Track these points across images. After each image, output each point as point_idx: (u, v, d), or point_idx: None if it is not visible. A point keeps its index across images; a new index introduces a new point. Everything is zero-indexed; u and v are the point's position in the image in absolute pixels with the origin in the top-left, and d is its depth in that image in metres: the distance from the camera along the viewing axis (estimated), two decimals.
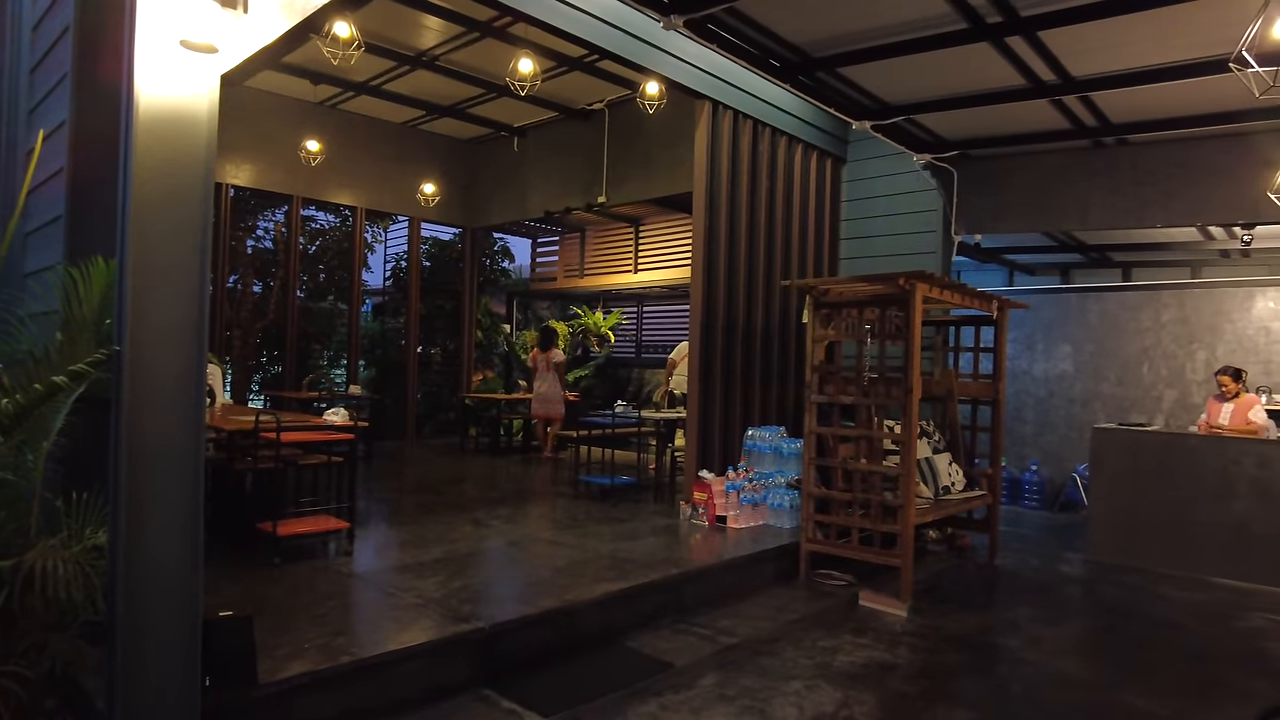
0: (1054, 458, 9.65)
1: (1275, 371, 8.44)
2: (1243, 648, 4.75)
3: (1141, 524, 6.73)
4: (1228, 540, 6.37)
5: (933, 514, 5.64)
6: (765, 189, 7.06)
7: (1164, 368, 9.10)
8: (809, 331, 5.67)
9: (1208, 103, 5.70)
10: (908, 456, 5.16)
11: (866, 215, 7.97)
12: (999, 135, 6.86)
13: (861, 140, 7.89)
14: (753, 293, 6.96)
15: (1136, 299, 9.31)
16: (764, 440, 6.64)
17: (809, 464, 5.63)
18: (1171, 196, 6.53)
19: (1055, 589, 5.96)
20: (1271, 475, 6.25)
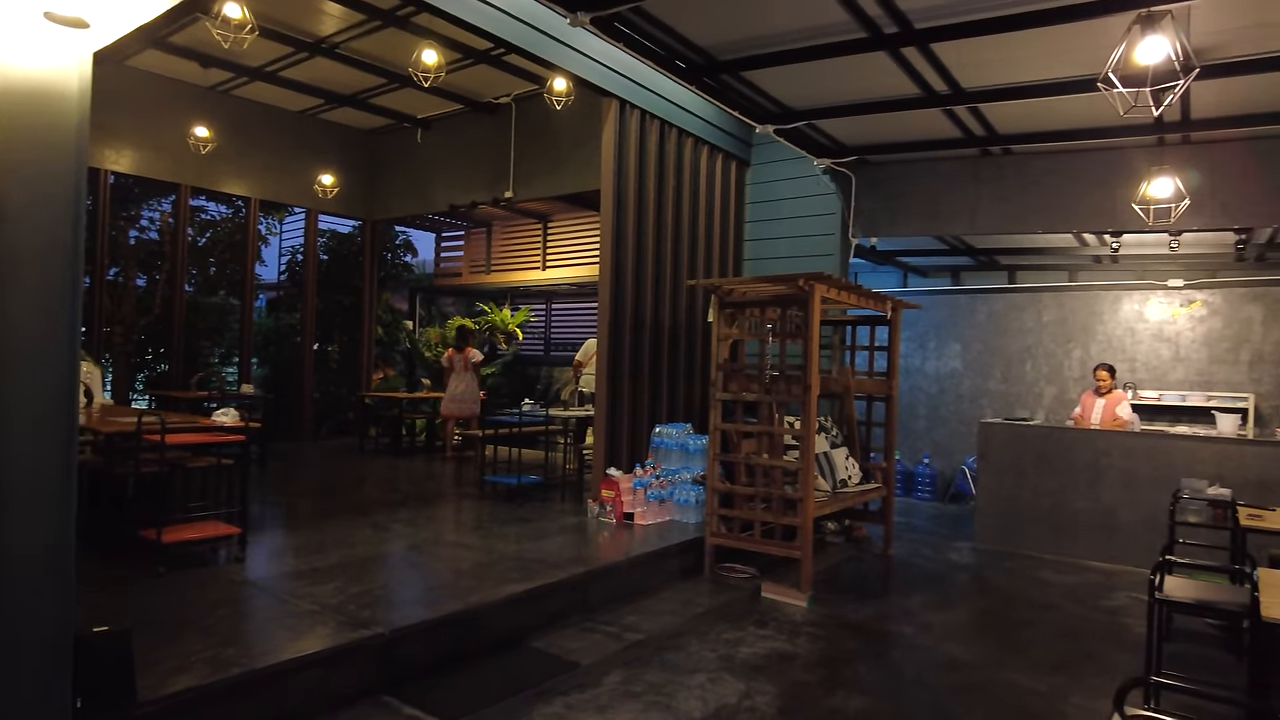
0: (945, 451, 10.13)
1: (1139, 369, 9.11)
2: (1109, 624, 5.10)
3: (1023, 513, 7.14)
4: (1098, 526, 6.84)
5: (830, 506, 5.83)
6: (672, 188, 7.14)
7: (1045, 365, 9.69)
8: (714, 330, 5.76)
9: (1084, 118, 6.08)
10: (807, 451, 5.31)
11: (770, 217, 8.16)
12: (895, 142, 7.14)
13: (765, 144, 8.07)
14: (660, 291, 7.02)
15: (1021, 300, 9.87)
16: (671, 437, 6.71)
17: (713, 460, 5.73)
18: (1052, 204, 6.94)
19: (945, 576, 6.25)
20: (1135, 466, 6.74)
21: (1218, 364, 8.82)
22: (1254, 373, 8.64)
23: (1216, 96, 5.46)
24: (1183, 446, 6.59)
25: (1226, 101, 5.58)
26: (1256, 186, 6.21)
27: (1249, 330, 8.69)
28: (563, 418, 7.48)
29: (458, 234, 13.07)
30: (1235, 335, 8.75)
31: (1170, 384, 8.99)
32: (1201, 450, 6.51)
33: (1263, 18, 4.40)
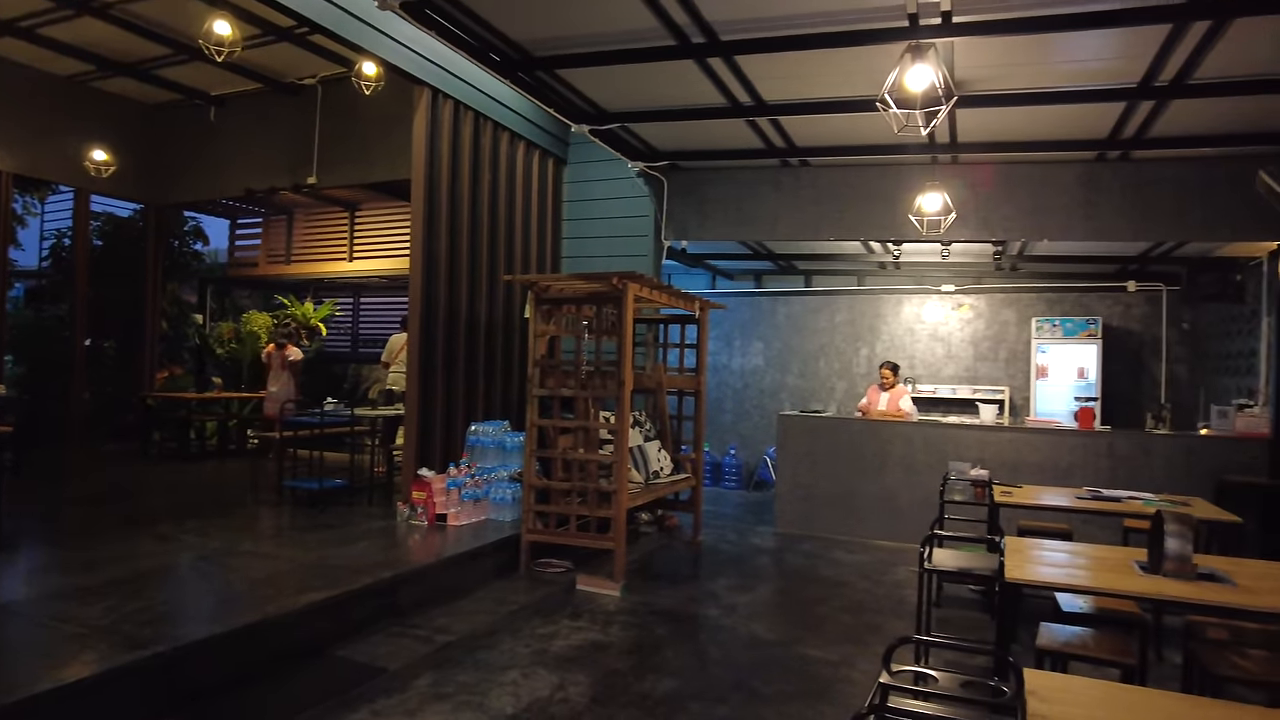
0: (749, 442, 10.73)
1: (917, 365, 10.10)
2: (892, 597, 5.63)
3: (819, 498, 7.71)
4: (883, 509, 7.52)
5: (643, 497, 6.01)
6: (488, 182, 7.05)
7: (836, 362, 10.51)
8: (531, 326, 5.76)
9: (870, 135, 6.65)
10: (621, 445, 5.45)
11: (587, 216, 8.26)
12: (704, 149, 7.47)
13: (582, 143, 8.16)
14: (476, 286, 6.92)
15: (815, 302, 10.65)
16: (487, 435, 6.63)
17: (530, 456, 5.73)
18: (842, 214, 7.54)
19: (748, 560, 6.62)
20: (913, 453, 7.48)
21: (981, 361, 9.98)
22: (1009, 369, 9.86)
23: (979, 124, 6.18)
24: (952, 434, 7.40)
25: (986, 128, 6.32)
26: (1010, 205, 7.07)
27: (1005, 331, 9.90)
28: (370, 417, 7.18)
29: (254, 221, 12.15)
30: (995, 336, 9.94)
31: (943, 378, 10.06)
32: (967, 437, 7.33)
33: (1008, 59, 5.03)
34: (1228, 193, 6.49)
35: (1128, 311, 9.51)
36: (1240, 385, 7.70)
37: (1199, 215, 6.61)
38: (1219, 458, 6.64)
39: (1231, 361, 7.95)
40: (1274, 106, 5.41)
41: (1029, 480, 7.00)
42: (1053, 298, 9.77)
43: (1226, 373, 8.13)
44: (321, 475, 6.77)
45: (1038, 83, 5.36)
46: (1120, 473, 6.87)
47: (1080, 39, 4.69)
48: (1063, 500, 5.08)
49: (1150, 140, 6.18)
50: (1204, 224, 6.61)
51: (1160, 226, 6.73)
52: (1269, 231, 6.45)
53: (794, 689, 3.99)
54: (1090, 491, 5.46)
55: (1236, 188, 6.44)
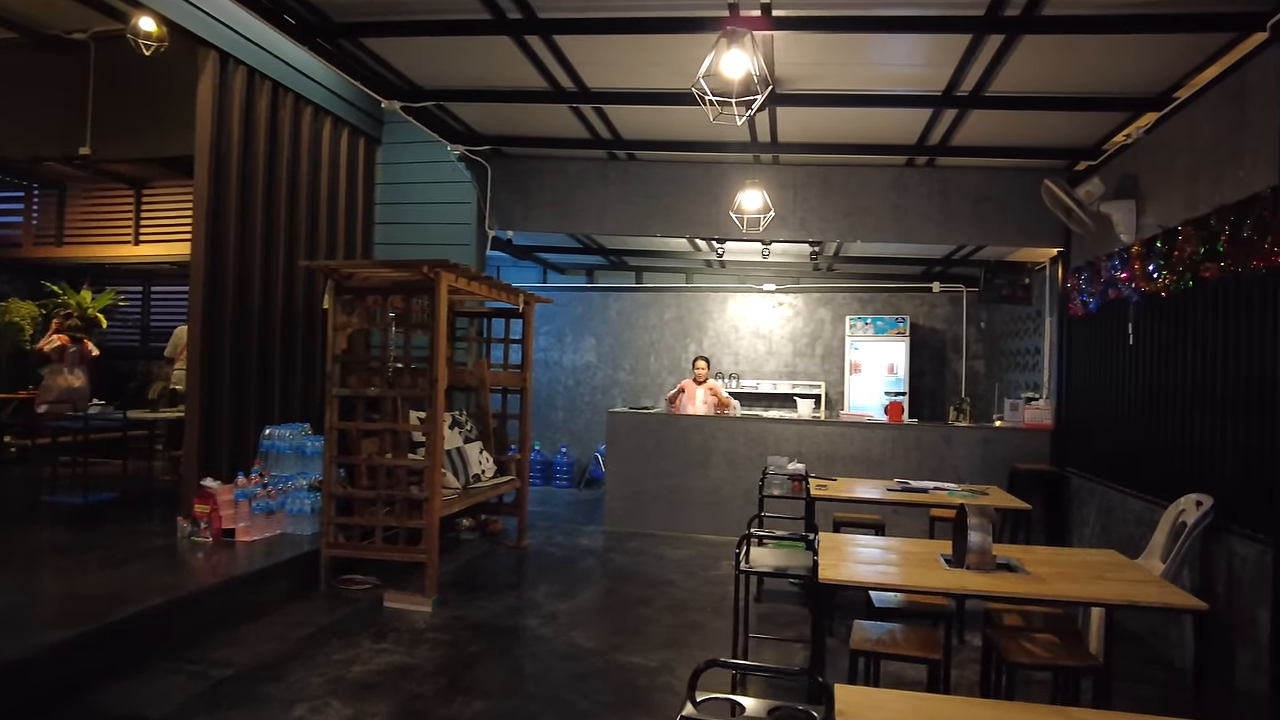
0: (581, 440, 10.55)
1: (742, 361, 10.31)
2: (714, 594, 5.59)
3: (647, 494, 7.63)
4: (708, 502, 7.55)
5: (460, 504, 5.64)
6: (287, 159, 6.39)
7: (666, 358, 10.53)
8: (330, 319, 5.24)
9: (695, 130, 6.62)
10: (434, 449, 5.06)
11: (402, 201, 7.73)
12: (529, 136, 7.16)
13: (397, 123, 7.61)
14: (271, 274, 6.25)
15: (646, 299, 10.62)
16: (284, 439, 6.00)
17: (329, 462, 5.22)
18: (669, 210, 7.48)
19: (574, 562, 6.41)
20: (736, 447, 7.55)
21: (800, 357, 10.32)
22: (825, 365, 10.26)
23: (799, 123, 6.27)
24: (773, 429, 7.54)
25: (807, 129, 6.43)
26: (827, 206, 7.28)
27: (822, 329, 10.29)
28: (149, 420, 6.33)
29: (15, 195, 10.57)
30: (812, 333, 10.31)
31: (765, 374, 10.32)
32: (787, 431, 7.49)
33: (826, 59, 5.10)
34: (1019, 201, 6.98)
35: (932, 311, 10.16)
36: (1028, 380, 8.38)
37: (995, 221, 7.07)
38: (1011, 447, 7.16)
39: (1021, 358, 8.64)
40: (1055, 122, 5.83)
41: (844, 472, 7.26)
42: (865, 297, 10.27)
43: (1017, 368, 8.84)
44: (89, 488, 5.89)
45: (853, 85, 5.48)
46: (926, 463, 7.25)
47: (892, 44, 4.80)
48: (874, 493, 5.22)
49: (953, 148, 6.53)
50: (999, 229, 7.08)
51: (960, 231, 7.15)
52: (1052, 239, 6.99)
53: (612, 699, 3.80)
54: (899, 483, 5.66)
55: (1027, 197, 6.92)
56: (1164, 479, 5.00)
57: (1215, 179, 4.52)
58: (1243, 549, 4.09)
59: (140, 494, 6.32)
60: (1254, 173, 4.12)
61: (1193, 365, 4.71)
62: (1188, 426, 4.74)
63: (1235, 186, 4.30)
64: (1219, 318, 4.42)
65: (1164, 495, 5.00)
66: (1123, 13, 4.18)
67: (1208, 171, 4.62)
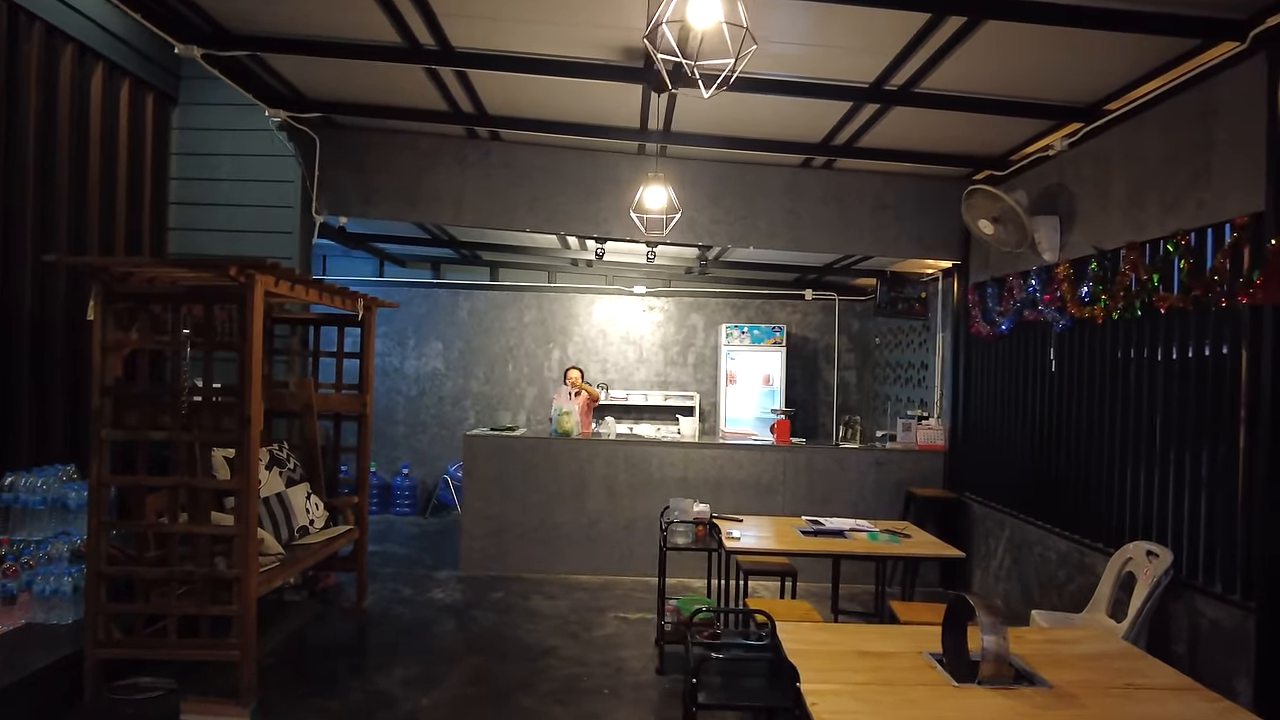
0: (426, 459, 9.28)
1: (610, 369, 9.43)
2: (607, 663, 4.67)
3: (510, 531, 6.60)
4: (582, 538, 6.62)
5: (283, 574, 4.36)
6: (35, 113, 4.78)
7: (526, 365, 9.46)
8: (95, 334, 3.82)
9: (576, 110, 5.64)
10: (246, 510, 3.79)
11: (205, 176, 6.20)
12: (370, 103, 5.88)
13: (201, 78, 6.08)
14: (12, 268, 4.65)
15: (503, 299, 9.49)
16: (34, 490, 4.45)
17: (96, 531, 3.80)
18: (539, 202, 6.44)
19: (429, 628, 5.27)
20: (615, 473, 6.67)
21: (672, 365, 9.58)
22: (698, 374, 9.58)
23: (698, 109, 5.42)
24: (655, 452, 6.71)
25: (705, 117, 5.60)
26: (718, 208, 6.52)
27: (694, 336, 9.61)
28: None
29: None
30: (684, 340, 9.60)
31: (635, 383, 9.50)
32: (671, 455, 6.70)
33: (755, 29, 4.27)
34: (916, 211, 6.55)
35: (805, 319, 9.73)
36: (911, 395, 8.06)
37: (892, 231, 6.60)
38: (905, 469, 6.74)
39: (902, 371, 8.33)
40: (974, 128, 5.35)
41: (734, 499, 6.57)
42: (738, 304, 9.67)
43: (898, 382, 8.54)
44: None
45: (775, 68, 4.70)
46: (818, 487, 6.70)
47: (839, 17, 4.03)
48: (791, 543, 4.51)
49: (859, 149, 5.94)
50: (895, 239, 6.61)
51: (857, 239, 6.62)
52: (948, 251, 6.62)
53: None
54: (811, 523, 5.01)
55: (925, 207, 6.52)
56: (1099, 519, 4.62)
57: (1169, 201, 4.12)
58: (1212, 611, 3.69)
59: None
60: (1226, 198, 3.72)
61: (1138, 399, 4.32)
62: (1131, 466, 4.36)
63: (1198, 210, 3.90)
64: (1176, 352, 4.02)
65: (1098, 538, 4.61)
66: (1087, 3, 3.64)
67: (1158, 191, 4.22)
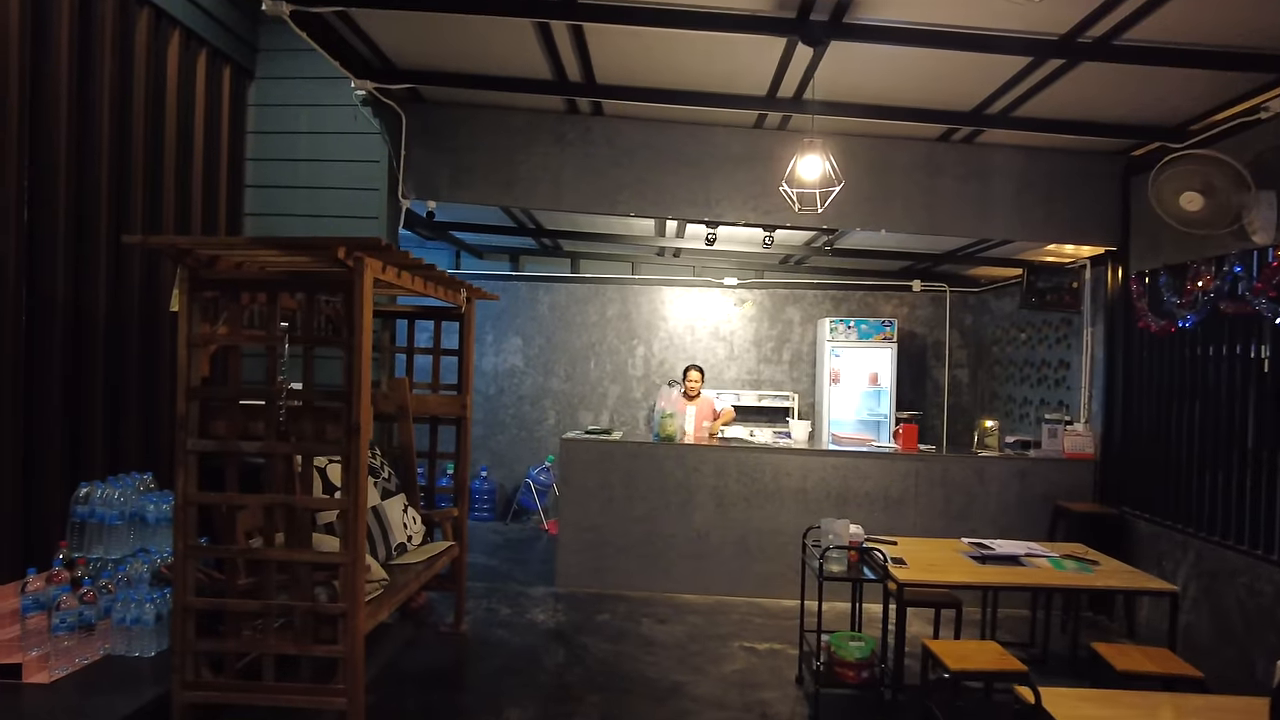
0: (505, 461, 8.75)
1: None
2: (747, 705, 4.05)
3: (611, 544, 6.02)
4: (690, 554, 6.02)
5: (389, 603, 3.81)
6: (110, 82, 4.30)
7: (609, 363, 8.87)
8: (181, 328, 3.30)
9: (703, 77, 5.02)
10: (355, 535, 3.24)
11: (283, 156, 5.71)
12: (461, 72, 5.32)
13: (278, 50, 5.62)
14: (87, 257, 4.17)
15: (585, 291, 8.90)
16: (110, 504, 3.97)
17: (184, 557, 3.28)
18: (645, 183, 5.83)
19: (536, 657, 4.70)
20: (726, 483, 6.05)
21: (765, 363, 8.90)
22: (794, 372, 8.89)
23: (845, 71, 4.74)
24: (770, 460, 6.06)
25: (849, 83, 4.93)
26: (848, 187, 5.82)
27: (789, 332, 8.91)
28: None
29: None
30: (779, 336, 8.91)
31: (726, 383, 8.85)
32: (787, 463, 6.04)
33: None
34: (1066, 191, 5.81)
35: (912, 313, 8.97)
36: (1047, 397, 7.27)
37: (1039, 212, 5.85)
38: (1050, 481, 6.00)
39: (1034, 370, 7.53)
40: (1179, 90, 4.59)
41: (861, 514, 5.90)
42: (838, 296, 8.94)
43: (1025, 382, 7.74)
44: None
45: (951, 17, 4.02)
46: (955, 501, 6.00)
47: None
48: (971, 576, 3.84)
49: (1015, 120, 5.22)
50: (1044, 222, 5.87)
51: (1000, 222, 5.88)
52: (1105, 236, 5.86)
53: None
54: (976, 546, 4.34)
55: (1076, 185, 5.78)
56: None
57: None
58: None
59: None
60: None
61: None
62: None
63: None
64: None
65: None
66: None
67: None
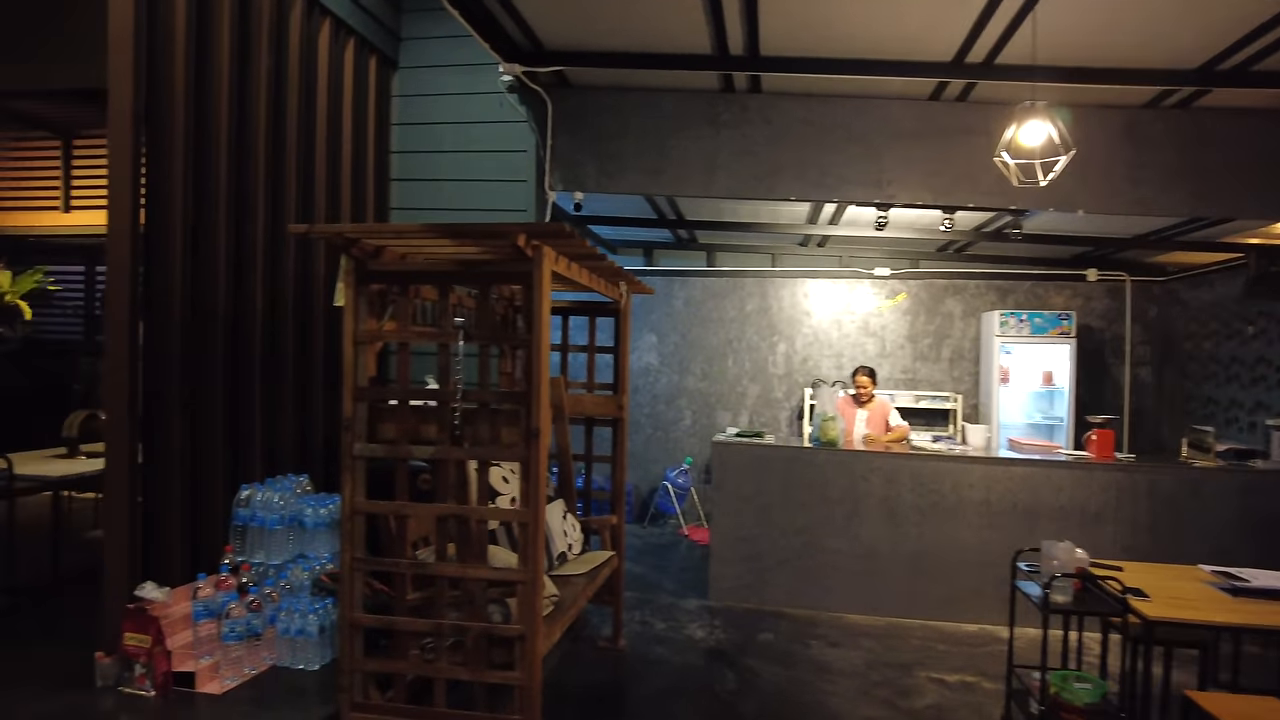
0: (641, 462, 8.45)
1: (846, 366, 8.22)
2: None
3: (769, 556, 5.58)
4: (858, 571, 5.50)
5: (560, 622, 3.50)
6: (264, 72, 4.19)
7: (748, 360, 8.42)
8: (348, 323, 3.08)
9: (881, 41, 4.52)
10: (533, 546, 2.94)
11: (427, 149, 5.57)
12: (613, 50, 5.00)
13: (422, 40, 5.48)
14: (245, 254, 4.07)
15: (722, 286, 8.49)
16: (270, 507, 3.85)
17: (351, 570, 3.07)
18: (806, 164, 5.37)
19: (703, 678, 4.32)
20: (898, 493, 5.50)
21: (922, 361, 8.25)
22: (954, 370, 8.20)
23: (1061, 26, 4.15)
24: (946, 469, 5.47)
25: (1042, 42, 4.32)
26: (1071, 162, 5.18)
27: (949, 326, 8.22)
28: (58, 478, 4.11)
29: None
30: (937, 331, 8.23)
31: (878, 382, 8.24)
32: (970, 473, 5.43)
33: None
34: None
35: (1087, 305, 8.10)
36: (1264, 400, 6.36)
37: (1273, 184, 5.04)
38: (1275, 497, 5.17)
39: (1247, 369, 6.61)
40: None
41: (1051, 531, 5.22)
42: (1004, 287, 8.17)
43: (1234, 382, 6.81)
44: None
45: None
46: (1164, 519, 5.25)
47: None
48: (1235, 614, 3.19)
49: (1255, 75, 4.47)
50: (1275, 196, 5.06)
51: (1227, 199, 5.11)
52: None
53: None
54: (1223, 576, 3.66)
55: None
56: None
57: None
58: None
59: (43, 593, 4.15)
60: None
61: None
62: None
63: None
64: None
65: None
66: None
67: None
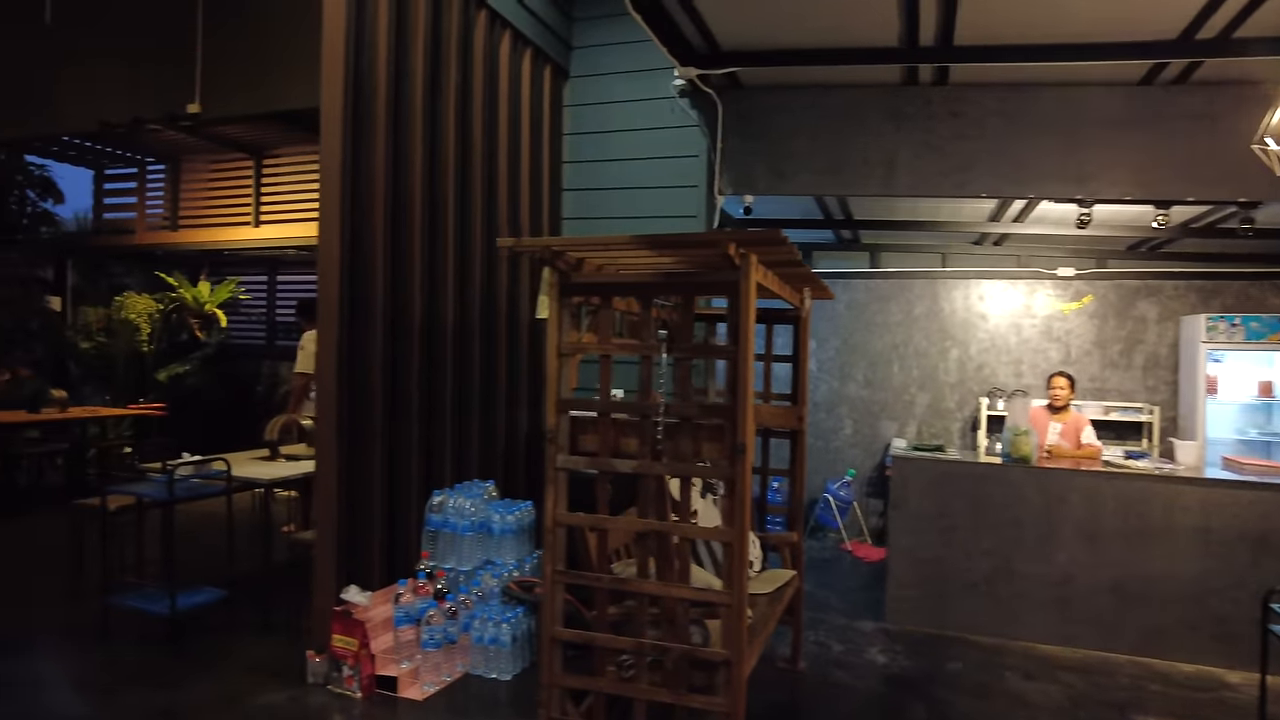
0: None
1: (1026, 374, 7.67)
2: None
3: (953, 580, 5.22)
4: (1051, 599, 5.06)
5: (757, 645, 3.36)
6: (455, 94, 4.28)
7: (915, 367, 8.01)
8: (551, 334, 3.06)
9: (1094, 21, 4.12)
10: (738, 566, 2.82)
11: (597, 158, 5.57)
12: (789, 48, 4.82)
13: (592, 48, 5.48)
14: (438, 265, 4.18)
15: (887, 288, 8.11)
16: (463, 512, 3.92)
17: (552, 582, 3.04)
18: (998, 158, 5.00)
19: (892, 711, 4.06)
20: (1099, 515, 5.02)
21: (1111, 369, 7.57)
22: (1148, 379, 7.48)
23: None
24: (1157, 491, 4.94)
25: None
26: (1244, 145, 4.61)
27: (1143, 331, 7.50)
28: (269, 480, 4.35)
29: (127, 171, 9.08)
30: (1128, 337, 7.54)
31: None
32: (1184, 495, 4.89)
33: None
34: None
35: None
36: None
37: None
38: None
39: None
40: None
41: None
42: (1208, 288, 7.36)
43: None
44: (178, 583, 3.96)
45: None
46: None
47: None
48: None
49: None
50: None
51: None
52: None
53: None
54: None
55: None
56: None
57: None
58: None
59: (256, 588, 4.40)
60: None
61: None
62: None
63: None
64: None
65: None
66: None
67: None
